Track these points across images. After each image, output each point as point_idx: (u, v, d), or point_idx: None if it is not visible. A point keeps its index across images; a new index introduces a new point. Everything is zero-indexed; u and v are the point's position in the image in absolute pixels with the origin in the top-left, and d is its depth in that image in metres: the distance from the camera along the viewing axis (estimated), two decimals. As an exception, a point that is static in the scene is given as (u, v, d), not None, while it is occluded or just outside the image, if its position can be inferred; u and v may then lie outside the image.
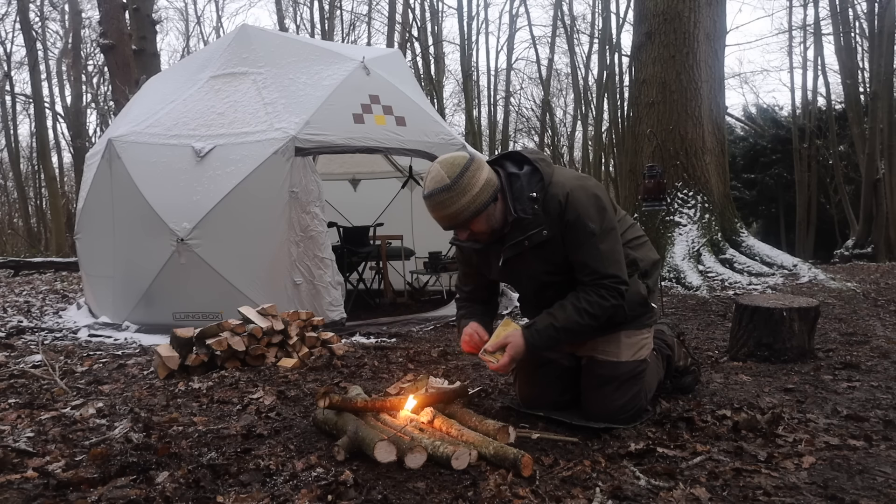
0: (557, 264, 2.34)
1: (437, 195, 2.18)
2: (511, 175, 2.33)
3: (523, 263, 2.37)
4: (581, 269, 2.31)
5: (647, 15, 8.35)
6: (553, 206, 2.26)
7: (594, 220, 2.26)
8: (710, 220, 7.83)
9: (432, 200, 2.21)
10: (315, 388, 3.11)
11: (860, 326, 4.53)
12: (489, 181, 2.22)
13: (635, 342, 2.47)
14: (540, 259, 2.35)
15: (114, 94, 13.26)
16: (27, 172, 27.70)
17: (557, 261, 2.33)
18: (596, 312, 2.28)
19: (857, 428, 2.34)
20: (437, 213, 2.24)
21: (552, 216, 2.26)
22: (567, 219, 2.25)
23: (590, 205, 2.27)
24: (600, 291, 2.29)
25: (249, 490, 1.87)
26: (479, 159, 2.28)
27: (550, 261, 2.34)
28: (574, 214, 2.24)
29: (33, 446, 2.27)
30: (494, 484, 1.85)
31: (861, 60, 19.22)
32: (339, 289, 5.08)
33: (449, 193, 2.17)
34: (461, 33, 21.94)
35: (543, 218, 2.27)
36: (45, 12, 23.46)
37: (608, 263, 2.29)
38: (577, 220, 2.24)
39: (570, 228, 2.26)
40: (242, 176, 4.89)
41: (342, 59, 5.84)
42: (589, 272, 2.29)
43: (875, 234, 16.32)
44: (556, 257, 2.33)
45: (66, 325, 5.60)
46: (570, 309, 2.29)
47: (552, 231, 2.27)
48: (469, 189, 2.18)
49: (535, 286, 2.47)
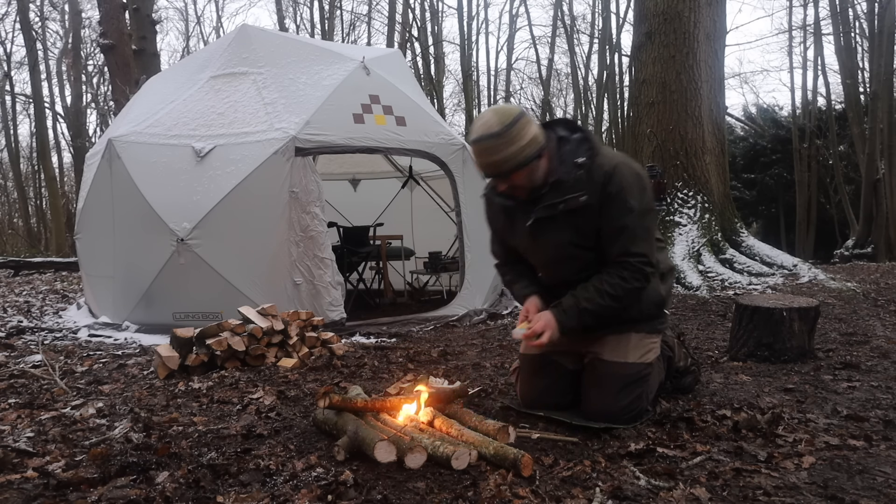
0: (586, 235, 2.34)
1: (485, 141, 2.20)
2: (561, 138, 2.37)
3: (552, 228, 2.37)
4: (611, 242, 2.31)
5: (647, 15, 8.35)
6: (598, 174, 2.28)
7: (635, 196, 2.28)
8: (710, 220, 7.82)
9: (479, 146, 2.23)
10: (315, 388, 3.11)
11: (860, 326, 4.53)
12: (536, 137, 2.24)
13: (644, 345, 2.47)
14: (570, 226, 2.34)
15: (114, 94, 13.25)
16: (27, 172, 27.70)
17: (587, 231, 2.34)
18: (617, 294, 2.30)
19: (857, 428, 2.34)
20: (481, 159, 2.26)
21: (595, 184, 2.28)
22: (609, 189, 2.27)
23: (634, 182, 2.30)
24: (623, 273, 2.30)
25: (249, 490, 1.87)
26: (530, 116, 2.29)
27: (581, 230, 2.34)
28: (617, 186, 2.27)
29: (33, 446, 2.27)
30: (494, 484, 1.85)
31: (861, 60, 19.23)
32: (339, 289, 5.08)
33: (497, 140, 2.18)
34: (461, 33, 21.98)
35: (585, 184, 2.29)
36: (45, 12, 23.49)
37: (639, 241, 2.30)
38: (619, 193, 2.27)
39: (610, 200, 2.27)
40: (242, 176, 4.89)
41: (342, 59, 5.84)
42: (619, 247, 2.30)
43: (875, 234, 16.32)
44: (587, 227, 2.33)
45: (66, 325, 5.60)
46: (591, 290, 2.33)
47: (591, 199, 2.28)
48: (517, 140, 2.19)
49: (555, 256, 2.44)
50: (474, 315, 5.58)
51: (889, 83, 15.61)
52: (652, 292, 2.44)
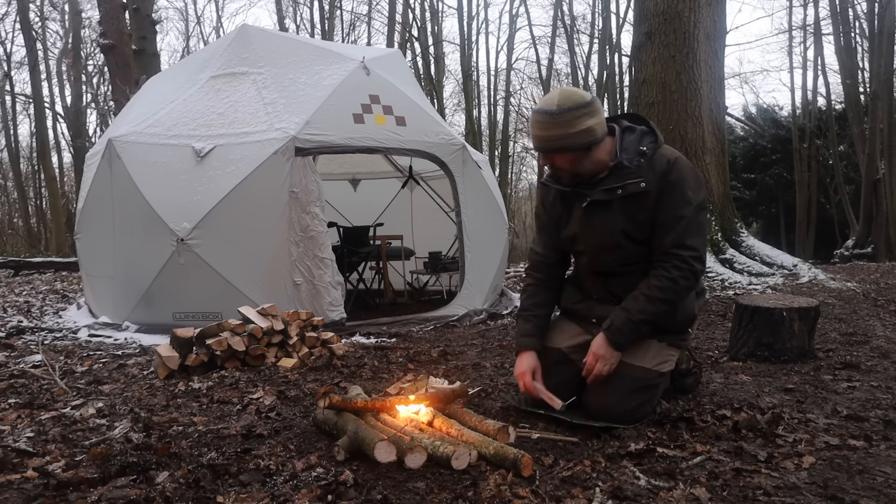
0: (638, 225, 2.37)
1: (538, 114, 2.31)
2: (627, 128, 2.44)
3: (606, 214, 2.40)
4: (666, 232, 2.33)
5: (647, 15, 8.34)
6: (660, 163, 2.34)
7: (693, 190, 2.33)
8: (710, 220, 7.83)
9: (534, 117, 2.35)
10: (315, 388, 3.11)
11: (860, 326, 4.53)
12: (590, 130, 2.29)
13: (662, 354, 2.47)
14: (624, 213, 2.37)
15: (114, 94, 13.26)
16: (27, 172, 27.69)
17: (640, 220, 2.36)
18: (668, 297, 2.32)
19: (857, 428, 2.34)
20: (533, 130, 2.38)
21: (656, 172, 2.34)
22: (670, 179, 2.32)
23: (693, 177, 2.37)
24: (672, 272, 2.31)
25: (249, 490, 1.87)
26: (597, 107, 2.33)
27: (634, 219, 2.36)
28: (678, 177, 2.32)
29: (33, 446, 2.27)
30: (494, 484, 1.85)
31: (861, 60, 19.23)
32: (339, 289, 5.08)
33: (549, 118, 2.27)
34: (461, 33, 21.97)
35: (646, 171, 2.34)
36: (45, 12, 23.49)
37: (692, 234, 2.32)
38: (679, 184, 2.32)
39: (670, 189, 2.32)
40: (242, 176, 4.89)
41: (342, 59, 5.84)
42: (673, 237, 2.32)
43: (875, 234, 16.33)
44: (641, 216, 2.36)
45: (66, 325, 5.60)
46: (641, 299, 2.34)
47: (650, 186, 2.32)
48: (567, 126, 2.26)
49: (604, 243, 2.44)
50: (474, 315, 5.58)
51: (889, 83, 15.62)
52: (689, 307, 2.46)
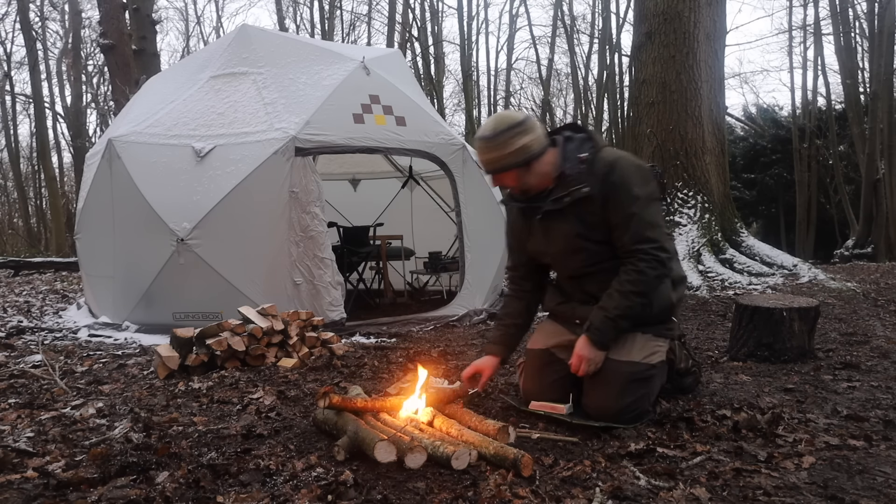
0: (592, 227, 2.43)
1: (478, 141, 2.47)
2: (567, 139, 2.52)
3: (560, 221, 2.48)
4: (623, 232, 2.38)
5: (647, 15, 8.35)
6: (599, 167, 2.41)
7: (638, 185, 2.37)
8: (710, 220, 7.82)
9: (476, 143, 2.50)
10: (315, 388, 3.11)
11: (860, 326, 4.53)
12: (526, 147, 2.39)
13: (649, 346, 2.49)
14: (575, 218, 2.44)
15: (114, 94, 13.26)
16: (27, 172, 27.70)
17: (592, 222, 2.42)
18: (640, 289, 2.37)
19: (857, 428, 2.34)
20: (477, 156, 2.55)
21: (597, 176, 2.40)
22: (612, 179, 2.37)
23: (636, 172, 2.41)
24: (639, 265, 2.36)
25: (249, 490, 1.87)
26: (529, 125, 2.42)
27: (585, 221, 2.43)
28: (619, 177, 2.37)
29: (33, 446, 2.27)
30: (494, 484, 1.85)
31: (861, 60, 19.23)
32: (339, 289, 5.08)
33: (485, 143, 2.42)
34: (461, 33, 21.98)
35: (587, 176, 2.41)
36: (45, 12, 23.51)
37: (648, 227, 2.37)
38: (622, 183, 2.36)
39: (614, 190, 2.37)
40: (242, 176, 4.88)
41: (342, 59, 5.84)
42: (630, 235, 2.37)
43: (875, 234, 16.32)
44: (592, 218, 2.42)
45: (66, 325, 5.60)
46: (615, 296, 2.39)
47: (593, 190, 2.38)
48: (503, 147, 2.39)
49: (564, 248, 2.52)
50: (474, 315, 5.58)
51: (889, 83, 15.61)
52: (663, 295, 2.48)
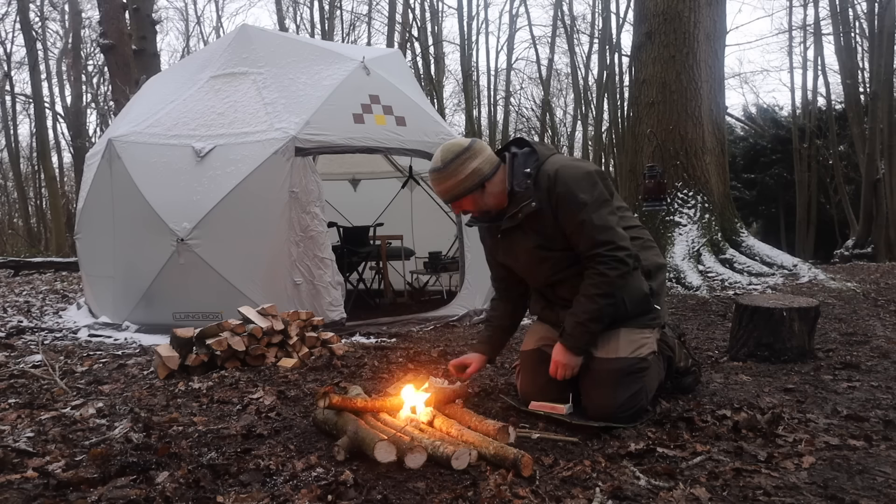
0: (549, 237, 2.47)
1: (431, 174, 2.52)
2: (514, 155, 2.54)
3: (519, 237, 2.53)
4: (577, 239, 2.43)
5: (647, 15, 8.35)
6: (543, 180, 2.45)
7: (584, 191, 2.39)
8: (710, 220, 7.82)
9: (429, 177, 2.55)
10: (315, 388, 3.11)
11: (860, 326, 4.53)
12: (477, 171, 2.44)
13: (635, 340, 2.50)
14: (532, 231, 2.49)
15: (114, 94, 13.25)
16: (27, 172, 27.70)
17: (549, 233, 2.47)
18: (604, 290, 2.40)
19: (857, 428, 2.34)
20: (433, 187, 2.56)
21: (542, 189, 2.44)
22: (557, 191, 2.40)
23: (579, 178, 2.41)
24: (599, 268, 2.39)
25: (249, 490, 1.87)
26: (477, 149, 2.47)
27: (542, 233, 2.48)
28: (563, 188, 2.39)
29: (33, 446, 2.27)
30: (494, 484, 1.85)
31: (861, 60, 19.23)
32: (339, 289, 5.08)
33: (438, 174, 2.47)
34: (461, 33, 21.99)
35: (534, 191, 2.44)
36: (45, 12, 23.51)
37: (600, 230, 2.39)
38: (567, 193, 2.39)
39: (561, 201, 2.40)
40: (242, 176, 4.88)
41: (342, 59, 5.84)
42: (585, 242, 2.41)
43: (875, 234, 16.32)
44: (548, 230, 2.46)
45: (66, 325, 5.60)
46: (583, 300, 2.43)
47: (541, 204, 2.43)
48: (455, 174, 2.44)
49: (528, 261, 2.58)
50: (474, 315, 5.58)
51: (889, 83, 15.60)
52: (635, 288, 2.49)
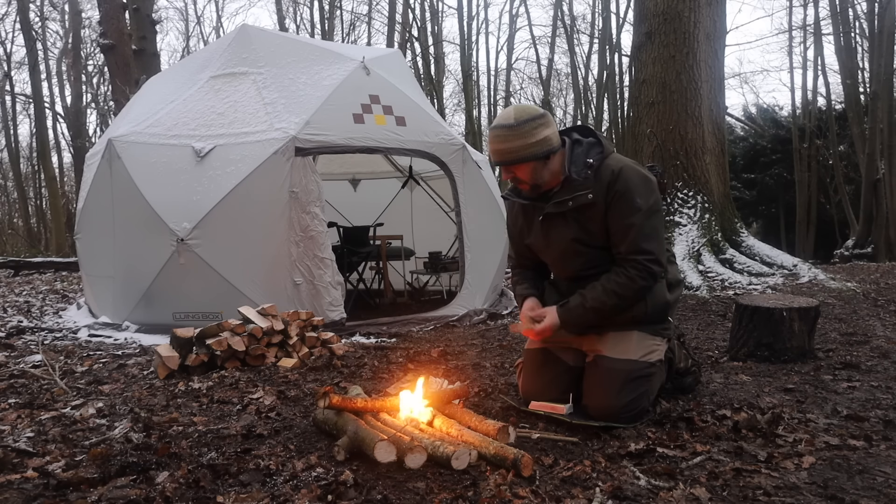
0: (592, 233, 2.44)
1: (498, 129, 2.41)
2: (576, 141, 2.50)
3: (561, 224, 2.49)
4: (620, 240, 2.39)
5: (647, 15, 8.34)
6: (606, 174, 2.40)
7: (642, 196, 2.37)
8: (710, 220, 7.82)
9: (493, 132, 2.44)
10: (315, 388, 3.11)
11: (860, 326, 4.53)
12: (547, 140, 2.39)
13: (647, 344, 2.50)
14: (577, 223, 2.45)
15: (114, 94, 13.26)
16: (27, 172, 27.68)
17: (593, 229, 2.43)
18: (624, 293, 2.39)
19: (857, 428, 2.34)
20: (492, 145, 2.46)
21: (602, 183, 2.39)
22: (616, 188, 2.37)
23: (641, 182, 2.39)
24: (631, 272, 2.38)
25: (249, 490, 1.87)
26: (550, 120, 2.43)
27: (587, 228, 2.44)
28: (624, 186, 2.36)
29: (33, 446, 2.27)
30: (494, 484, 1.85)
31: (861, 60, 19.22)
32: (339, 289, 5.08)
33: (508, 132, 2.37)
34: (461, 33, 21.98)
35: (593, 183, 2.40)
36: (45, 12, 23.50)
37: (646, 239, 2.37)
38: (626, 192, 2.36)
39: (617, 198, 2.37)
40: (242, 176, 4.88)
41: (342, 59, 5.84)
42: (627, 244, 2.38)
43: (875, 234, 16.31)
44: (593, 225, 2.43)
45: (66, 325, 5.60)
46: (599, 289, 2.41)
47: (597, 197, 2.39)
48: (526, 136, 2.36)
49: (563, 251, 2.54)
50: (474, 315, 5.58)
51: (889, 83, 15.60)
52: (659, 295, 2.49)
